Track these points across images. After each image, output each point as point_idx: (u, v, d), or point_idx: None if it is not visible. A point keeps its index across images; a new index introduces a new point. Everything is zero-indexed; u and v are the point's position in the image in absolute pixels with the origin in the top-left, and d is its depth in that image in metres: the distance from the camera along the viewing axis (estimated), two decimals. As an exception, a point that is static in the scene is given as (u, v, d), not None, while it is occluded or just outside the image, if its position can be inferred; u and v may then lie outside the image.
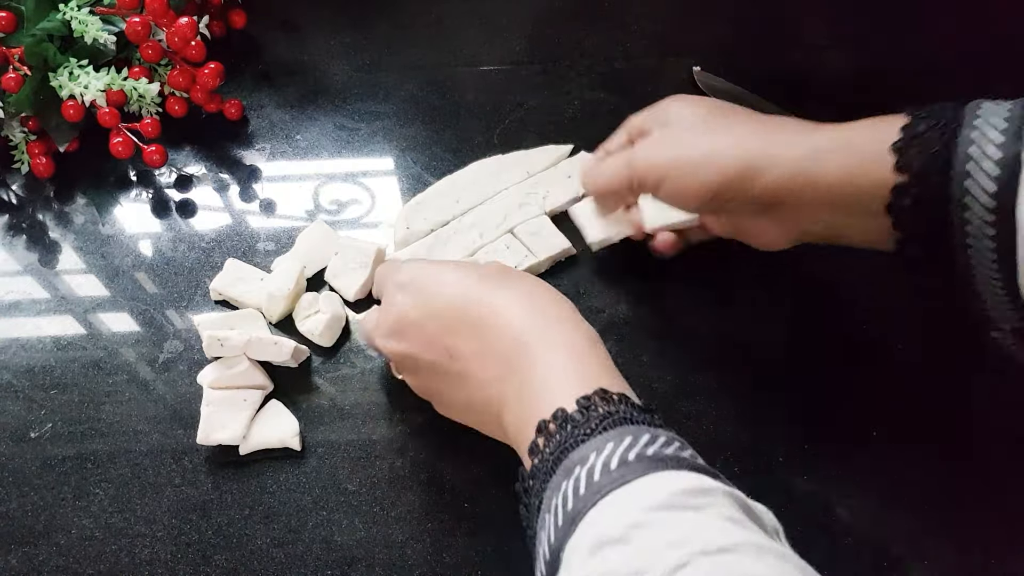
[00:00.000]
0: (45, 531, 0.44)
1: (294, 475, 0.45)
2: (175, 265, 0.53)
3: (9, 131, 0.56)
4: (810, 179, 0.39)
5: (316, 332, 0.48)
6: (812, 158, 0.39)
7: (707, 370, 0.48)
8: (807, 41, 0.64)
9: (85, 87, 0.54)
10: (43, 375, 0.49)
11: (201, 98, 0.57)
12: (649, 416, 0.33)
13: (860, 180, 0.37)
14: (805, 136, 0.40)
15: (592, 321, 0.39)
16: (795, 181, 0.39)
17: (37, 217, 0.56)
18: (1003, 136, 0.32)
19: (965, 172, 0.33)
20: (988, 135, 0.33)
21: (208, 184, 0.57)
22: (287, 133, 0.60)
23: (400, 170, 0.57)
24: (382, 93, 0.61)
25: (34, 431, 0.47)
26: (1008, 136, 0.32)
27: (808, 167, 0.39)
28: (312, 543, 0.43)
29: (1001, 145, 0.32)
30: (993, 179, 0.32)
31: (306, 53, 0.64)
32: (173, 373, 0.49)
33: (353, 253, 0.50)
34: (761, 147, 0.40)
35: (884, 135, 0.37)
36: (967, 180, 0.33)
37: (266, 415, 0.46)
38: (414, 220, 0.53)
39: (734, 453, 0.45)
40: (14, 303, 0.52)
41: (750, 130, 0.42)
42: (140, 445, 0.46)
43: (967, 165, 0.33)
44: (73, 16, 0.54)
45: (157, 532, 0.43)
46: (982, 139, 0.33)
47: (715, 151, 0.42)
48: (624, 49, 0.63)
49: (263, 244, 0.54)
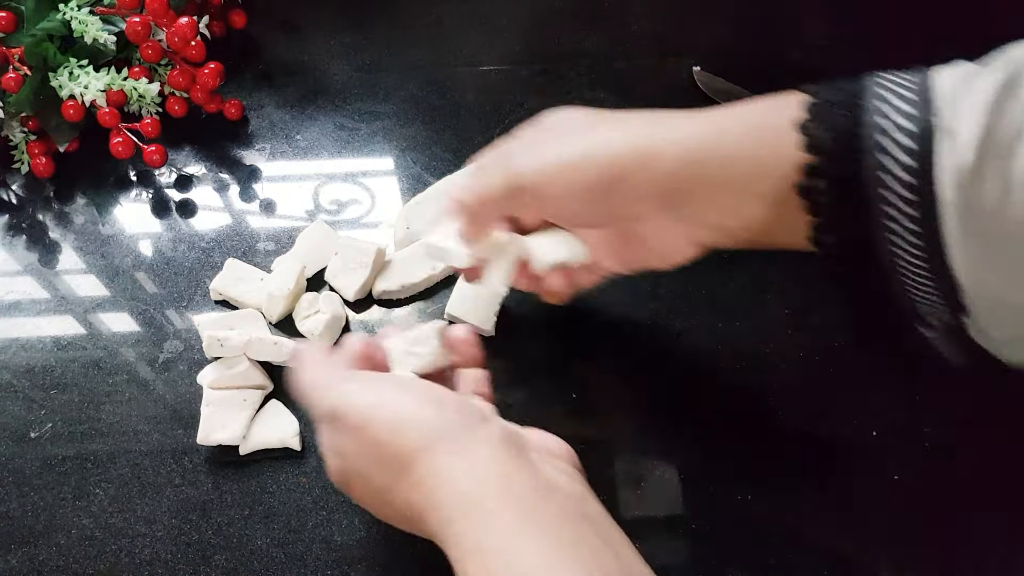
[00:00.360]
0: (45, 531, 0.44)
1: (294, 475, 0.45)
2: (175, 265, 0.53)
3: (9, 131, 0.56)
4: (713, 156, 0.35)
5: (316, 332, 0.48)
6: (713, 133, 0.35)
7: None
8: (807, 41, 0.65)
9: (85, 87, 0.54)
10: (43, 375, 0.49)
11: (201, 98, 0.58)
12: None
13: (766, 156, 0.34)
14: (703, 116, 0.36)
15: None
16: (696, 163, 0.35)
17: (37, 217, 0.56)
18: (911, 107, 0.30)
19: (878, 145, 0.30)
20: (897, 105, 0.31)
21: (208, 184, 0.57)
22: (287, 133, 0.60)
23: (400, 170, 0.57)
24: (382, 93, 0.61)
25: (34, 431, 0.47)
26: (918, 107, 0.30)
27: (708, 144, 0.35)
28: (312, 543, 0.43)
29: (911, 117, 0.30)
30: (907, 151, 0.30)
31: (306, 53, 0.64)
32: (173, 373, 0.49)
33: (353, 253, 0.50)
34: (656, 132, 0.36)
35: (785, 111, 0.33)
36: (881, 154, 0.30)
37: (266, 415, 0.46)
38: (414, 220, 0.53)
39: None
40: (14, 303, 0.52)
41: (644, 122, 0.37)
42: (140, 445, 0.46)
43: (879, 138, 0.30)
44: (73, 16, 0.54)
45: (157, 532, 0.43)
46: (891, 111, 0.30)
47: (606, 140, 0.37)
48: (624, 49, 0.63)
49: (263, 244, 0.54)
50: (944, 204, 0.29)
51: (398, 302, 0.51)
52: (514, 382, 0.47)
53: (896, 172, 0.30)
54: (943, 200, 0.29)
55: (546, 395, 0.47)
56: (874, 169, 0.30)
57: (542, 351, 0.49)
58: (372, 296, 0.51)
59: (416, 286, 0.51)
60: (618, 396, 0.47)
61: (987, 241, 0.28)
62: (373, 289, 0.51)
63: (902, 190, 0.30)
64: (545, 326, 0.49)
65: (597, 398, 0.47)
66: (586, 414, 0.45)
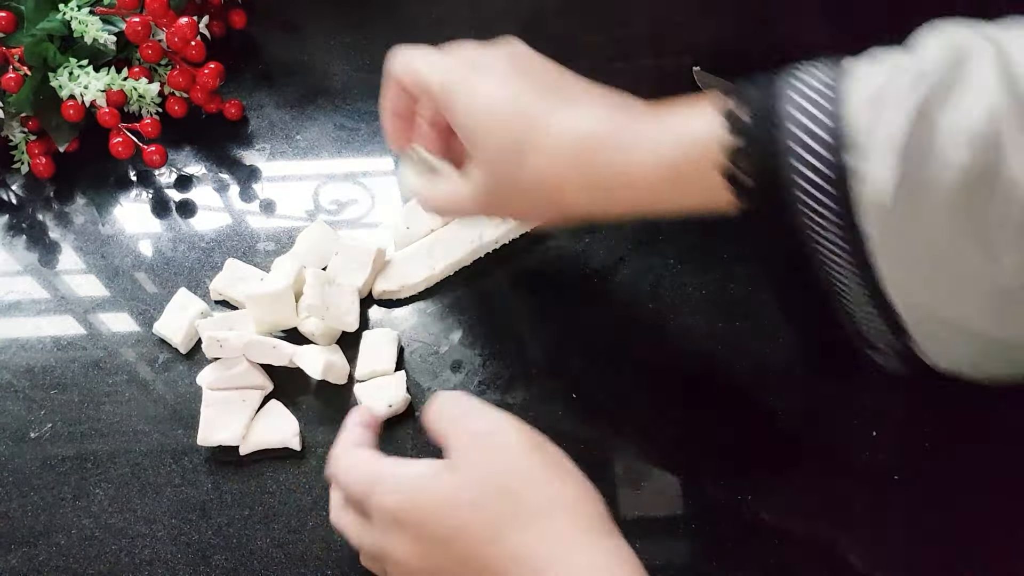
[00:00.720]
0: (45, 531, 0.44)
1: (294, 475, 0.45)
2: (175, 265, 0.53)
3: (9, 131, 0.56)
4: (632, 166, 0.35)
5: (316, 332, 0.48)
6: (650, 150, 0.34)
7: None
8: (807, 41, 0.64)
9: (85, 87, 0.54)
10: (43, 375, 0.49)
11: (201, 98, 0.58)
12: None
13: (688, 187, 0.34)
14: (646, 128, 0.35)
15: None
16: (622, 174, 0.35)
17: (37, 217, 0.56)
18: (824, 145, 0.29)
19: (798, 185, 0.30)
20: (809, 143, 0.30)
21: (208, 184, 0.57)
22: (287, 133, 0.60)
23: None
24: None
25: (34, 431, 0.47)
26: (831, 142, 0.29)
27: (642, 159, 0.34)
28: (312, 543, 0.43)
29: (824, 158, 0.29)
30: (825, 193, 0.29)
31: (306, 53, 0.64)
32: (173, 373, 0.49)
33: (353, 253, 0.50)
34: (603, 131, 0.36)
35: (707, 147, 0.33)
36: (802, 193, 0.30)
37: (266, 415, 0.46)
38: (414, 220, 0.53)
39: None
40: (14, 303, 0.52)
41: (595, 116, 0.37)
42: (140, 445, 0.46)
43: (797, 179, 0.30)
44: (73, 16, 0.54)
45: (157, 532, 0.43)
46: (805, 145, 0.30)
47: (548, 125, 0.36)
48: (624, 49, 0.63)
49: (263, 244, 0.54)
50: (867, 235, 0.29)
51: (398, 302, 0.51)
52: (514, 382, 0.47)
53: (819, 208, 0.30)
54: (865, 232, 0.29)
55: (546, 395, 0.47)
56: (798, 204, 0.30)
57: (542, 351, 0.49)
58: (372, 296, 0.51)
59: (416, 286, 0.51)
60: (618, 396, 0.47)
61: (909, 261, 0.29)
62: (373, 289, 0.51)
63: (827, 222, 0.30)
64: (545, 326, 0.49)
65: (597, 398, 0.47)
66: (586, 414, 0.45)
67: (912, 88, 0.28)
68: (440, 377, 0.48)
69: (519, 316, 0.50)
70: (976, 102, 0.27)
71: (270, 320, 0.48)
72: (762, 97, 0.32)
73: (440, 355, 0.49)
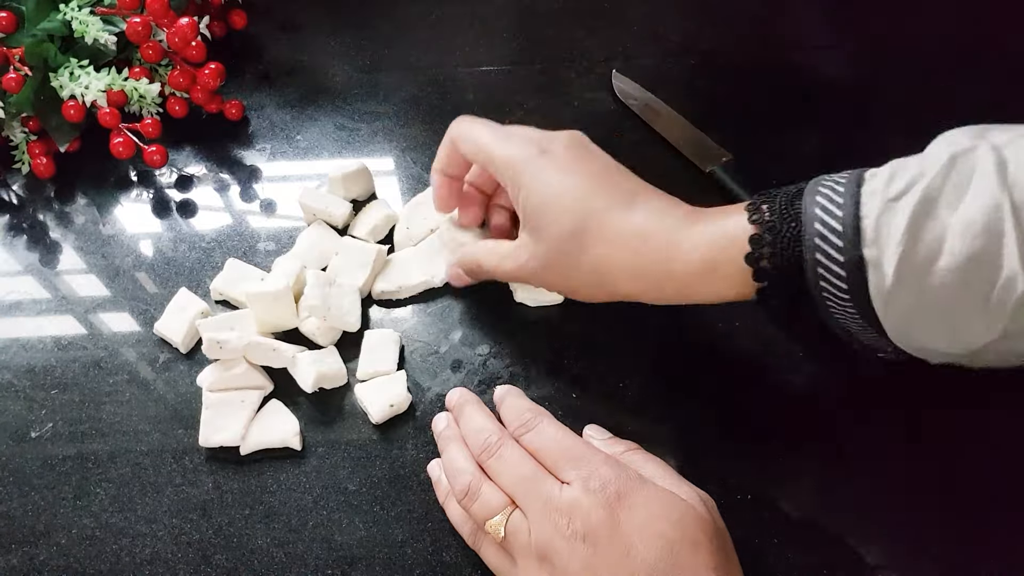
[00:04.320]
0: (46, 531, 0.44)
1: (294, 475, 0.45)
2: (175, 265, 0.53)
3: (10, 131, 0.56)
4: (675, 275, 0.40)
5: (317, 332, 0.48)
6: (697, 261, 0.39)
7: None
8: (806, 41, 0.65)
9: (86, 87, 0.54)
10: (44, 375, 0.49)
11: (202, 98, 0.58)
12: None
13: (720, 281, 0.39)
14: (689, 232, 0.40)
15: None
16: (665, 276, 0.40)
17: (38, 217, 0.56)
18: (843, 240, 0.34)
19: (819, 275, 0.35)
20: (831, 239, 0.35)
21: (208, 184, 0.58)
22: (287, 133, 0.60)
23: (400, 170, 0.57)
24: (382, 93, 0.62)
25: (35, 431, 0.47)
26: (849, 241, 0.34)
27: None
28: (312, 543, 0.43)
29: (843, 249, 0.34)
30: (842, 279, 0.35)
31: (306, 53, 0.64)
32: (173, 373, 0.49)
33: (353, 253, 0.50)
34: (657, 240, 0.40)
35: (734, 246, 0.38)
36: (821, 280, 0.35)
37: (266, 415, 0.46)
38: (414, 220, 0.53)
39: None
40: (15, 303, 0.52)
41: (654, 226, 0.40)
42: (141, 445, 0.46)
43: (820, 271, 0.35)
44: (74, 16, 0.54)
45: (158, 532, 0.43)
46: (827, 241, 0.35)
47: (602, 223, 0.41)
48: (624, 49, 0.64)
49: (263, 244, 0.54)
50: (875, 307, 0.34)
51: (398, 302, 0.51)
52: (514, 382, 0.47)
53: (834, 291, 0.35)
54: (874, 306, 0.34)
55: (546, 395, 0.47)
56: (817, 289, 0.36)
57: (542, 352, 0.49)
58: (372, 296, 0.51)
59: (415, 287, 0.51)
60: (618, 396, 0.47)
61: (910, 320, 0.34)
62: (373, 289, 0.51)
63: (840, 296, 0.35)
64: (545, 326, 0.50)
65: (597, 398, 0.47)
66: (587, 414, 0.45)
67: (921, 188, 0.33)
68: (440, 377, 0.48)
69: (519, 316, 0.50)
70: (975, 200, 0.32)
71: (271, 320, 0.48)
72: (787, 200, 0.37)
73: (440, 355, 0.49)
